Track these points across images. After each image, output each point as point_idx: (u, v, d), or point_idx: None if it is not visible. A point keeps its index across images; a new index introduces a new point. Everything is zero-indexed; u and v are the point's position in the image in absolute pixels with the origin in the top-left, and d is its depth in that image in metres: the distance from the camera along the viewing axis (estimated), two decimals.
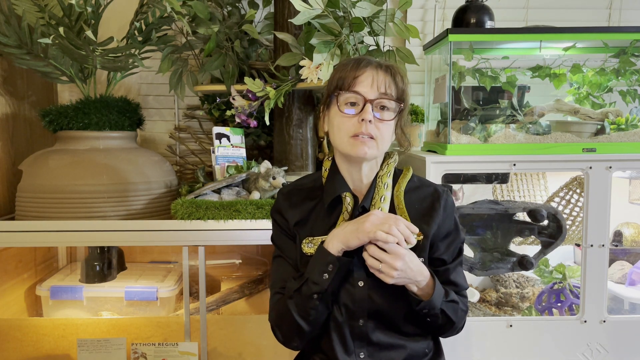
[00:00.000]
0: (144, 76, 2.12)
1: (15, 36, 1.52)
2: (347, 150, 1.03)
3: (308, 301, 1.00)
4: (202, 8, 1.65)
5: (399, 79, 1.04)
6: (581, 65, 1.74)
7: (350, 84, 1.02)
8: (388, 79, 1.03)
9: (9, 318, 1.71)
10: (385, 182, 1.07)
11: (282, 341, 1.07)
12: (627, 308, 1.77)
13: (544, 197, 1.96)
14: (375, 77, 1.02)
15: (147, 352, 1.58)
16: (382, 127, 1.02)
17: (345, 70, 1.04)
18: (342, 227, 1.01)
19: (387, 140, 1.05)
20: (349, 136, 1.02)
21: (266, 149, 2.06)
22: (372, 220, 0.97)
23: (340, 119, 1.03)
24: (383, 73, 1.03)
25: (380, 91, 1.01)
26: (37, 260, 1.98)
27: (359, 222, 0.98)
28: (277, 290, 1.08)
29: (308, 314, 1.01)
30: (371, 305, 1.03)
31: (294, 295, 1.02)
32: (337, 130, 1.04)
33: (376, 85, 1.01)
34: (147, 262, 2.11)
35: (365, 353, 1.05)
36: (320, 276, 0.99)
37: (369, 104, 1.00)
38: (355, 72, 1.02)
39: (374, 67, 1.03)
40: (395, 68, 1.05)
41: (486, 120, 1.70)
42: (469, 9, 1.66)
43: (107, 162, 1.60)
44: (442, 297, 1.03)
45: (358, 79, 1.02)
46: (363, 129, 1.00)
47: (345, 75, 1.03)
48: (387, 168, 1.09)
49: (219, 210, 1.51)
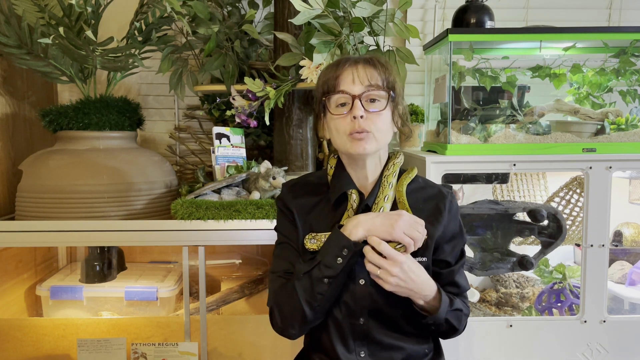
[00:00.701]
0: (144, 76, 2.12)
1: (15, 36, 1.52)
2: (348, 149, 1.03)
3: (318, 285, 0.98)
4: (202, 8, 1.65)
5: (381, 68, 1.04)
6: (581, 65, 1.74)
7: (334, 85, 1.03)
8: (369, 70, 1.03)
9: (9, 318, 1.71)
10: (390, 181, 1.07)
11: (280, 326, 1.04)
12: (627, 308, 1.77)
13: (544, 197, 1.96)
14: (355, 73, 1.02)
15: (147, 352, 1.58)
16: (376, 120, 1.02)
17: (327, 74, 1.05)
18: (369, 216, 1.00)
19: (385, 131, 1.05)
20: (346, 135, 1.02)
21: (266, 149, 2.06)
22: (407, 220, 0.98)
23: (335, 122, 1.04)
24: (362, 66, 1.03)
25: (364, 84, 1.02)
26: (37, 260, 1.98)
27: (393, 219, 0.98)
28: (280, 274, 1.07)
29: (315, 299, 0.99)
30: (372, 304, 1.03)
31: (302, 278, 1.00)
32: (335, 132, 1.05)
33: (358, 80, 1.02)
34: (147, 262, 2.11)
35: (366, 352, 1.05)
36: (335, 260, 0.98)
37: (357, 99, 1.01)
38: (336, 72, 1.03)
39: (352, 62, 1.04)
40: (375, 59, 1.05)
41: (486, 120, 1.70)
42: (469, 9, 1.66)
43: (107, 162, 1.60)
44: (447, 308, 1.03)
45: (340, 78, 1.03)
46: (357, 126, 1.00)
47: (328, 78, 1.04)
48: (392, 168, 1.09)
49: (219, 210, 1.51)
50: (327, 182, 1.13)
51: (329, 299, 1.01)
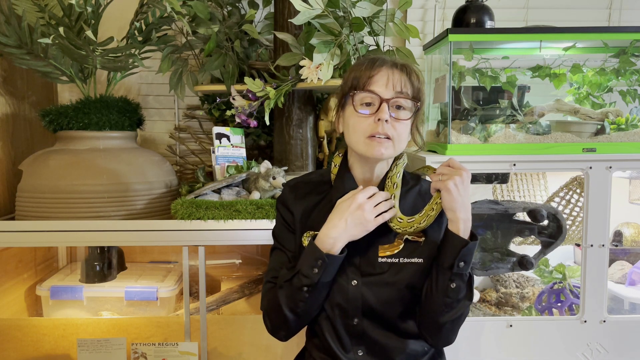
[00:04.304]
0: (144, 76, 2.12)
1: (15, 36, 1.52)
2: (363, 151, 1.02)
3: (298, 293, 1.00)
4: (202, 8, 1.65)
5: (415, 78, 1.03)
6: (581, 65, 1.74)
7: (365, 84, 1.01)
8: (404, 78, 1.02)
9: (9, 318, 1.71)
10: (394, 182, 1.07)
11: (271, 330, 1.07)
12: (627, 308, 1.77)
13: (544, 197, 1.96)
14: (390, 76, 1.01)
15: (147, 352, 1.58)
16: (398, 127, 1.01)
17: (360, 70, 1.03)
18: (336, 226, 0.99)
19: (403, 140, 1.04)
20: (365, 137, 1.01)
21: (266, 149, 2.06)
22: (366, 208, 0.98)
23: (355, 119, 1.02)
24: (398, 72, 1.02)
25: (396, 90, 1.00)
26: (37, 260, 1.98)
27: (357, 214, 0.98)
28: (269, 279, 1.09)
29: (296, 306, 1.01)
30: (365, 304, 1.03)
31: (284, 286, 1.02)
32: (352, 130, 1.03)
33: (392, 84, 1.00)
34: (147, 262, 2.11)
35: (363, 350, 1.05)
36: (311, 270, 0.99)
37: (385, 103, 0.99)
38: (370, 71, 1.01)
39: (389, 66, 1.02)
40: (411, 67, 1.04)
41: (486, 120, 1.70)
42: (469, 9, 1.66)
43: (107, 162, 1.60)
44: (475, 248, 1.00)
45: (373, 79, 1.01)
46: (379, 129, 0.99)
47: (360, 75, 1.02)
48: (396, 169, 1.08)
49: (219, 210, 1.51)
50: (329, 181, 1.13)
51: (312, 305, 1.02)
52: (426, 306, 1.03)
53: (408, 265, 1.04)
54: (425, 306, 1.03)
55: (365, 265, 1.05)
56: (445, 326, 1.03)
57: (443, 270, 1.00)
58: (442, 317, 1.02)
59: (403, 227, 1.02)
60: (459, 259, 0.97)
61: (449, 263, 0.98)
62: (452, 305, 1.01)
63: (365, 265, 1.05)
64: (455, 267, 0.98)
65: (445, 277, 0.99)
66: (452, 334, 1.06)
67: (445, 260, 0.99)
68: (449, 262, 0.98)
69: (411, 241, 1.06)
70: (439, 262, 1.01)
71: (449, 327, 1.04)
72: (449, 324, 1.03)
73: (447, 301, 1.00)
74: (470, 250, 0.98)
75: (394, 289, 1.03)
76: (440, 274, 1.00)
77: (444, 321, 1.02)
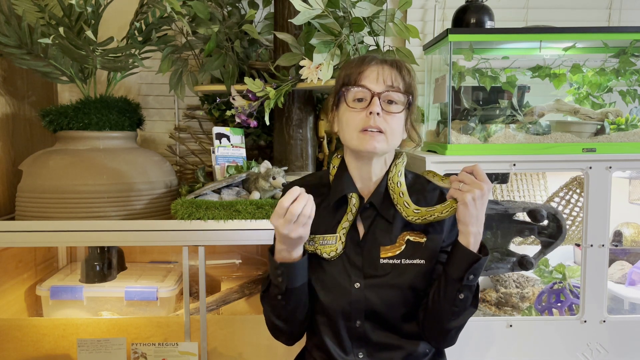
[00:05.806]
0: (144, 76, 2.12)
1: (15, 36, 1.52)
2: (357, 145, 1.02)
3: (275, 301, 1.04)
4: (202, 8, 1.65)
5: (405, 72, 1.04)
6: (581, 65, 1.74)
7: (356, 79, 1.02)
8: (394, 72, 1.03)
9: (9, 318, 1.71)
10: (397, 181, 1.06)
11: (273, 336, 1.12)
12: (627, 308, 1.77)
13: (544, 197, 1.96)
14: (380, 72, 1.02)
15: (147, 352, 1.58)
16: (391, 121, 1.02)
17: (351, 67, 1.04)
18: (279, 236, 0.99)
19: (396, 134, 1.04)
20: (358, 131, 1.01)
21: (266, 149, 2.06)
22: (279, 212, 0.96)
23: (348, 115, 1.03)
24: (388, 67, 1.03)
25: (387, 84, 1.01)
26: (37, 260, 1.98)
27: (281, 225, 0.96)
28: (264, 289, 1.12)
29: (280, 313, 1.05)
30: (368, 306, 1.03)
31: (265, 296, 1.08)
32: (345, 126, 1.04)
33: (382, 78, 1.01)
34: (147, 262, 2.11)
35: (364, 353, 1.05)
36: (276, 279, 1.02)
37: (376, 97, 1.00)
38: (360, 67, 1.03)
39: (378, 62, 1.04)
40: (401, 62, 1.05)
41: (486, 120, 1.70)
42: (469, 9, 1.66)
43: (107, 162, 1.60)
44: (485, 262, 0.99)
45: (363, 74, 1.02)
46: (371, 122, 1.00)
47: (351, 72, 1.03)
48: (395, 169, 1.08)
49: (219, 210, 1.51)
50: (328, 183, 1.13)
51: (294, 309, 1.04)
52: (432, 313, 1.03)
53: (410, 267, 1.04)
54: (432, 313, 1.03)
55: (368, 267, 1.05)
56: (451, 332, 1.04)
57: (452, 281, 0.99)
58: (449, 324, 1.02)
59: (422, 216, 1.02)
60: (469, 273, 0.97)
61: (458, 275, 0.98)
62: (459, 313, 1.02)
63: (367, 267, 1.05)
64: (465, 279, 0.97)
65: (454, 288, 0.99)
66: (456, 337, 1.07)
67: (454, 272, 0.98)
68: (459, 274, 0.97)
69: (412, 242, 1.05)
70: (447, 272, 1.00)
71: (454, 332, 1.05)
72: (455, 330, 1.04)
73: (454, 310, 1.00)
74: (482, 265, 0.97)
75: (397, 290, 1.03)
76: (449, 285, 0.99)
77: (450, 327, 1.03)
